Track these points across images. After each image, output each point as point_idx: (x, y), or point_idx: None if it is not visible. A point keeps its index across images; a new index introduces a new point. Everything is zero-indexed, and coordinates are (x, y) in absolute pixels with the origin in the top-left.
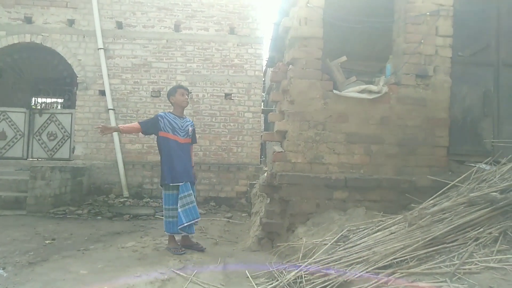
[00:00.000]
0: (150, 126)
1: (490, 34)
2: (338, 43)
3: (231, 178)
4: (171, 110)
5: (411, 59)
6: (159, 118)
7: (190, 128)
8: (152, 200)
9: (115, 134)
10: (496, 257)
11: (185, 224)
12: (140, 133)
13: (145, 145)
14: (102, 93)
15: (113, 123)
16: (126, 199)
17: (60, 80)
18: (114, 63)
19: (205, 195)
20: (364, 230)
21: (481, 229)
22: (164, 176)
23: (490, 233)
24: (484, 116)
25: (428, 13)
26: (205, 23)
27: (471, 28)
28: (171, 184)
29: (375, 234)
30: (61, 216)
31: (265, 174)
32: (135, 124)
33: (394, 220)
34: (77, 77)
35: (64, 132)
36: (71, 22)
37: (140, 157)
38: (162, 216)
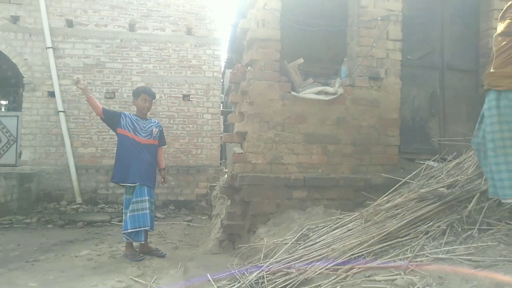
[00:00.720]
0: (111, 116)
1: (436, 39)
2: (295, 45)
3: (191, 181)
4: (134, 112)
5: (364, 61)
6: (122, 115)
7: (155, 129)
8: (107, 206)
9: (66, 137)
10: (444, 248)
11: (130, 230)
12: (94, 136)
13: (99, 148)
14: (52, 94)
15: (63, 126)
16: (79, 205)
17: (4, 80)
18: (64, 63)
19: (163, 198)
20: (323, 228)
21: (431, 223)
22: (113, 173)
23: (439, 226)
24: (431, 116)
25: (379, 18)
26: (161, 23)
27: (419, 33)
28: (129, 185)
29: (334, 232)
30: (7, 226)
31: (226, 175)
32: (100, 106)
33: (351, 217)
34: (23, 77)
35: (10, 136)
36: (15, 19)
37: (94, 161)
38: (120, 221)
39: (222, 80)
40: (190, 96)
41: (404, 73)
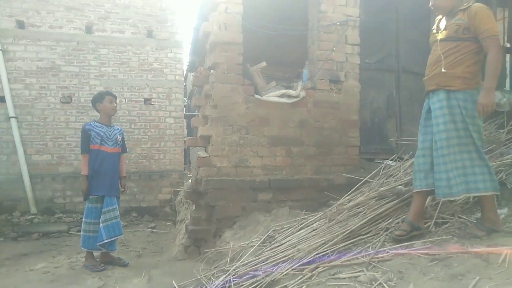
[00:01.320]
0: (88, 146)
1: (391, 44)
2: (258, 49)
3: (154, 187)
4: (96, 119)
5: (325, 65)
6: (88, 132)
7: (119, 137)
8: (65, 215)
9: (18, 145)
10: (403, 244)
11: (105, 241)
12: (49, 142)
13: (55, 155)
14: (2, 99)
15: (15, 133)
16: (34, 216)
17: None
18: (15, 66)
19: (125, 205)
20: (288, 229)
21: (391, 220)
22: (89, 190)
23: (398, 223)
24: (388, 117)
25: (338, 23)
26: (120, 25)
27: (375, 38)
28: (94, 196)
29: (299, 232)
30: None
31: (190, 180)
32: (84, 158)
33: (315, 217)
34: None
35: None
36: None
37: (50, 169)
38: (79, 231)
39: (184, 84)
40: (152, 100)
41: (362, 76)
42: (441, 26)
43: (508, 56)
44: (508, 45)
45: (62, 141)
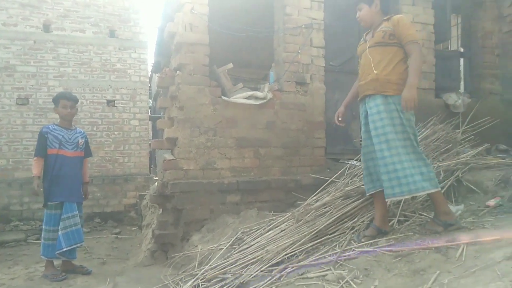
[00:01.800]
0: (43, 150)
1: (354, 47)
2: (225, 50)
3: (118, 191)
4: (56, 122)
5: (291, 67)
6: (45, 134)
7: (81, 140)
8: (22, 223)
9: None
10: (368, 242)
11: (65, 249)
12: (4, 146)
13: (10, 160)
14: None
15: None
16: None
17: None
18: None
19: (88, 211)
20: (257, 230)
21: (356, 219)
22: (45, 195)
23: (363, 221)
24: (352, 118)
25: (303, 26)
26: (80, 24)
27: (339, 41)
28: (53, 203)
29: (268, 233)
30: None
31: (156, 183)
32: (35, 161)
33: (283, 218)
34: None
35: None
36: None
37: (4, 175)
38: (38, 239)
39: (149, 85)
40: (115, 101)
41: (328, 79)
42: (368, 37)
43: (462, 60)
44: (462, 50)
45: (19, 145)
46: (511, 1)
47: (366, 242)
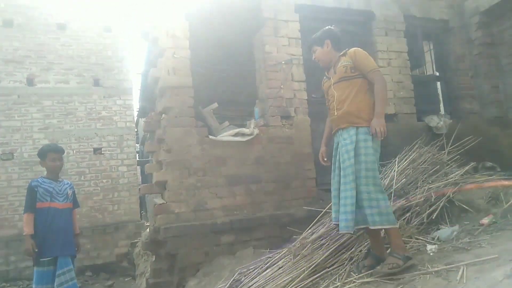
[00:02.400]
0: (33, 205)
1: None
2: (209, 90)
3: (109, 241)
4: (44, 175)
5: (275, 102)
6: (35, 188)
7: (69, 191)
8: (9, 284)
9: None
10: (368, 272)
11: None
12: None
13: None
14: None
15: None
16: None
17: None
18: None
19: (78, 265)
20: (254, 270)
21: (353, 249)
22: (38, 252)
23: (361, 251)
24: None
25: (283, 62)
26: (64, 76)
27: (319, 74)
28: (46, 259)
29: (265, 272)
30: None
31: (148, 229)
32: (26, 217)
33: (280, 255)
34: None
35: None
36: None
37: None
38: None
39: (136, 130)
40: (102, 149)
41: (311, 110)
42: (330, 74)
43: (438, 83)
44: (437, 74)
45: (4, 201)
46: (477, 26)
47: (366, 273)
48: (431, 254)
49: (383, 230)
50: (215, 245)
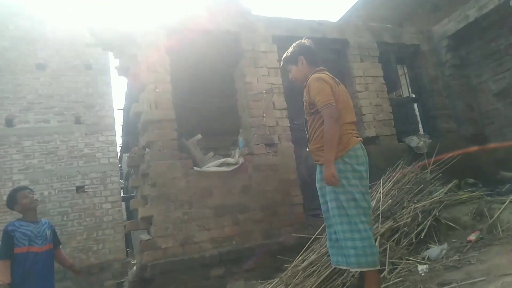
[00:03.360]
0: (9, 251)
1: None
2: (192, 122)
3: (94, 282)
4: (20, 217)
5: (258, 131)
6: (10, 234)
7: (48, 232)
8: None
9: None
10: None
11: None
12: None
13: None
14: None
15: None
16: None
17: None
18: None
19: None
20: None
21: (345, 274)
22: None
23: (353, 275)
24: None
25: (264, 91)
26: (45, 115)
27: (300, 100)
28: None
29: None
30: None
31: (134, 268)
32: (2, 264)
33: (272, 285)
34: None
35: None
36: None
37: None
38: None
39: (119, 165)
40: (85, 187)
41: (294, 137)
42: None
43: (415, 104)
44: (413, 96)
45: None
46: (446, 49)
47: None
48: (423, 274)
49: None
50: (205, 279)
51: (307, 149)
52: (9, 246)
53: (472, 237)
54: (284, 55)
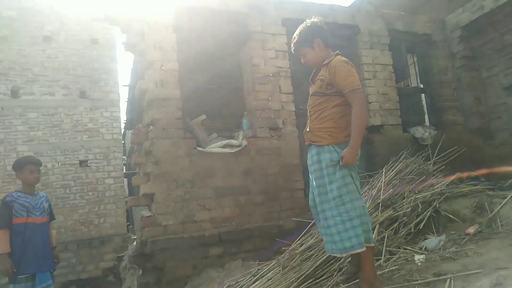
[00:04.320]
0: (8, 221)
1: None
2: (197, 102)
3: (94, 255)
4: (19, 188)
5: (263, 114)
6: (9, 204)
7: (45, 204)
8: None
9: None
10: (355, 281)
11: None
12: None
13: None
14: None
15: None
16: None
17: None
18: None
19: (62, 280)
20: (243, 282)
21: (342, 260)
22: (17, 269)
23: (350, 261)
24: None
25: (271, 74)
26: (50, 88)
27: (307, 85)
28: (24, 276)
29: (254, 284)
30: None
31: (135, 243)
32: (2, 234)
33: (269, 266)
34: None
35: None
36: None
37: None
38: None
39: (123, 142)
40: (88, 161)
41: (299, 122)
42: (312, 80)
43: (423, 95)
44: (422, 86)
45: None
46: (458, 40)
47: (352, 282)
48: (419, 264)
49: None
50: (204, 257)
51: (307, 129)
52: (7, 216)
53: (471, 230)
54: (296, 37)
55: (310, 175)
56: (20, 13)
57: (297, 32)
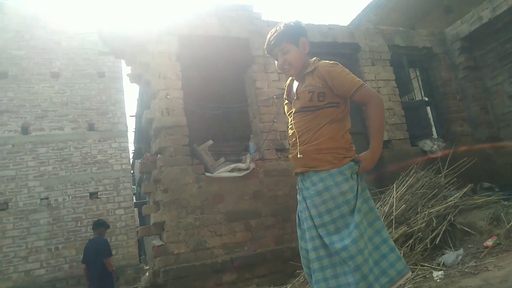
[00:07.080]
0: None
1: None
2: (203, 128)
3: None
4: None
5: (269, 136)
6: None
7: None
8: None
9: None
10: None
11: None
12: None
13: None
14: None
15: None
16: None
17: None
18: None
19: None
20: None
21: None
22: None
23: None
24: None
25: (274, 96)
26: (59, 123)
27: None
28: None
29: None
30: None
31: (147, 273)
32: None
33: None
34: None
35: None
36: None
37: None
38: None
39: (132, 171)
40: (98, 193)
41: None
42: (291, 95)
43: (428, 108)
44: (426, 99)
45: None
46: (459, 51)
47: None
48: (438, 280)
49: None
50: (217, 285)
51: (297, 154)
52: None
53: (489, 242)
54: (278, 31)
55: (299, 215)
56: (29, 52)
57: (276, 28)
